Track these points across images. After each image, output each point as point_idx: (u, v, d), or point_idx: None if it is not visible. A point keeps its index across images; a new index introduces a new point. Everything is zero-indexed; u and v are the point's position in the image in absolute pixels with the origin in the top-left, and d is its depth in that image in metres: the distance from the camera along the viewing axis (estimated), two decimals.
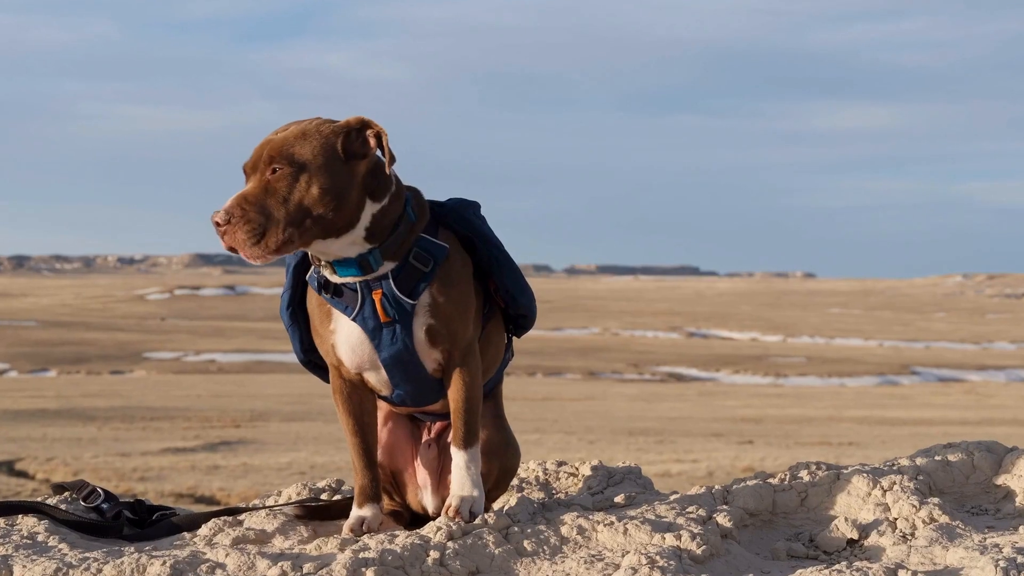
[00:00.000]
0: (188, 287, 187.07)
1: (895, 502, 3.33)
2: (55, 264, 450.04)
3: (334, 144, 3.05)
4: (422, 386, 3.27)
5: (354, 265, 3.13)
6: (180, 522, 3.43)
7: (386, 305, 3.15)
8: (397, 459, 3.44)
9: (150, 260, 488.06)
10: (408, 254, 3.16)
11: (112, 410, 46.89)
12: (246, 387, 61.55)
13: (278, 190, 3.01)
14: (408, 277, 3.15)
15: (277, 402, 51.76)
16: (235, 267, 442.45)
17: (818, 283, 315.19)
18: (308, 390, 54.43)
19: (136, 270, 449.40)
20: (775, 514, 3.45)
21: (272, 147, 3.05)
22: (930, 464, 3.59)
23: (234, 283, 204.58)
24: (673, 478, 28.26)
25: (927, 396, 65.61)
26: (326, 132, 3.07)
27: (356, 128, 3.08)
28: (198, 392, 57.37)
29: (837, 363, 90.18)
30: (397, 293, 3.15)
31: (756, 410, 52.98)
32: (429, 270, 3.16)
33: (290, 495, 3.80)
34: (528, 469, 4.03)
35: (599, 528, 3.17)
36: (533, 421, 43.24)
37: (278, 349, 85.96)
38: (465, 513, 3.18)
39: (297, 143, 3.04)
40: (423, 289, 3.16)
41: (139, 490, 26.93)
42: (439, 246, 3.19)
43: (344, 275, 3.14)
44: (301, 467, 31.26)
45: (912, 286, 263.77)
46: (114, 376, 73.31)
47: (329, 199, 3.02)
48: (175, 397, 54.17)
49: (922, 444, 4.18)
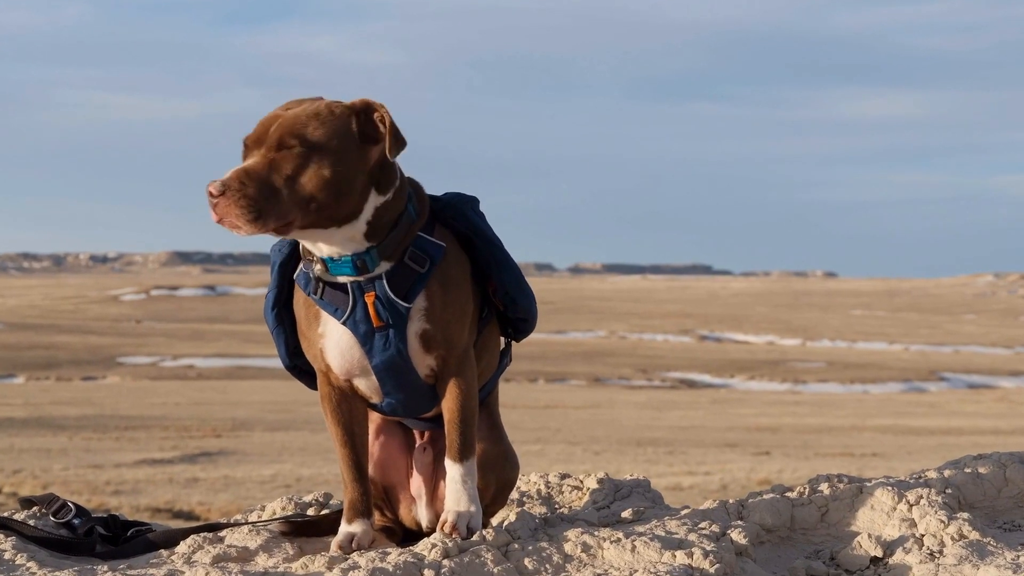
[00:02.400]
0: (165, 287, 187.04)
1: (922, 517, 3.34)
2: (23, 263, 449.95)
3: (350, 127, 3.05)
4: (415, 394, 3.27)
5: (349, 264, 3.12)
6: (157, 539, 3.43)
7: (379, 308, 3.14)
8: (390, 474, 3.44)
9: (125, 258, 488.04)
10: (404, 254, 3.15)
11: (84, 419, 46.89)
12: (227, 394, 61.54)
13: (285, 169, 3.00)
14: (403, 278, 3.14)
15: (261, 410, 51.76)
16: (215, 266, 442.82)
17: (839, 283, 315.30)
18: (294, 397, 54.41)
19: (110, 269, 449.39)
20: (793, 530, 3.46)
21: (284, 124, 3.03)
22: (959, 477, 3.60)
23: (214, 283, 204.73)
24: (684, 492, 28.26)
25: (956, 404, 65.62)
26: (339, 113, 3.06)
27: (363, 110, 3.08)
28: (176, 400, 57.36)
29: (860, 368, 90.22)
30: (392, 296, 3.14)
31: (773, 419, 52.99)
32: (425, 271, 3.16)
33: (274, 510, 3.80)
34: (529, 482, 4.04)
35: (605, 545, 3.17)
36: (534, 431, 43.23)
37: (262, 353, 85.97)
38: (462, 529, 3.18)
39: (311, 123, 3.03)
40: (419, 291, 3.15)
41: (113, 504, 26.92)
42: (436, 245, 3.19)
43: (337, 274, 3.13)
44: (286, 480, 31.26)
45: (940, 286, 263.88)
46: (86, 382, 73.31)
47: (338, 185, 3.01)
48: (151, 405, 54.16)
49: (951, 455, 4.19)
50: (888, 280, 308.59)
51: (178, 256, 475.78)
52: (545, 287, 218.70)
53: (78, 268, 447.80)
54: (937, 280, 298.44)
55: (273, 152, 3.01)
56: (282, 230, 3.01)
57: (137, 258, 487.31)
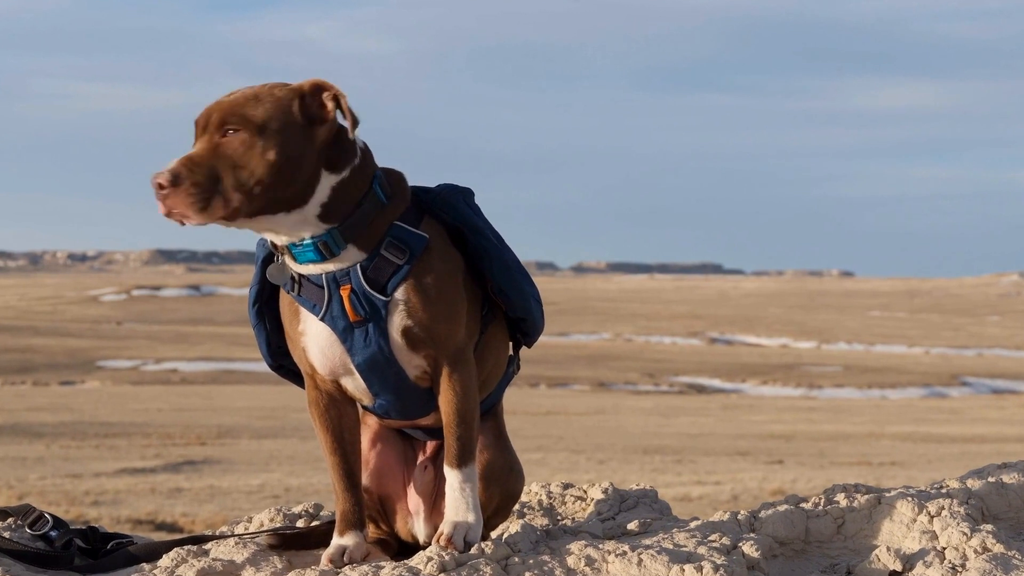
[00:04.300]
0: (147, 287, 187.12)
1: (943, 529, 3.34)
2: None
3: (290, 107, 3.10)
4: (406, 395, 3.27)
5: (311, 249, 3.14)
6: (138, 552, 3.43)
7: (355, 302, 3.15)
8: (387, 484, 3.44)
9: (104, 257, 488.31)
10: (380, 244, 3.17)
11: (62, 426, 46.88)
12: (212, 399, 61.56)
13: (229, 154, 3.05)
14: (380, 270, 3.16)
15: (247, 416, 51.76)
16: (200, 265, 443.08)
17: (856, 283, 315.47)
18: (282, 403, 54.44)
19: (89, 268, 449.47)
20: (808, 543, 3.46)
21: (223, 108, 3.09)
22: (983, 487, 3.59)
23: (199, 282, 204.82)
24: (693, 502, 28.26)
25: (979, 410, 65.64)
26: (280, 95, 3.11)
27: (310, 91, 3.13)
28: (158, 405, 57.37)
29: (878, 373, 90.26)
30: (367, 288, 3.15)
31: (787, 426, 53.00)
32: (404, 263, 3.16)
33: (262, 521, 3.80)
34: (531, 492, 4.04)
35: (610, 559, 3.17)
36: (536, 438, 43.25)
37: (248, 357, 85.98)
38: (459, 541, 3.18)
39: (250, 105, 3.09)
40: (398, 284, 3.16)
41: (92, 516, 26.91)
42: (417, 236, 3.19)
43: (303, 261, 3.16)
44: (275, 490, 31.25)
45: (962, 286, 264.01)
46: (64, 387, 73.31)
47: (282, 167, 3.05)
48: (132, 411, 54.17)
49: (973, 464, 4.18)
50: (908, 280, 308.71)
51: (161, 254, 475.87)
52: (547, 287, 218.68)
53: (55, 267, 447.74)
54: (959, 280, 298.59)
55: (217, 137, 3.07)
56: (230, 216, 3.05)
57: (117, 256, 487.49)
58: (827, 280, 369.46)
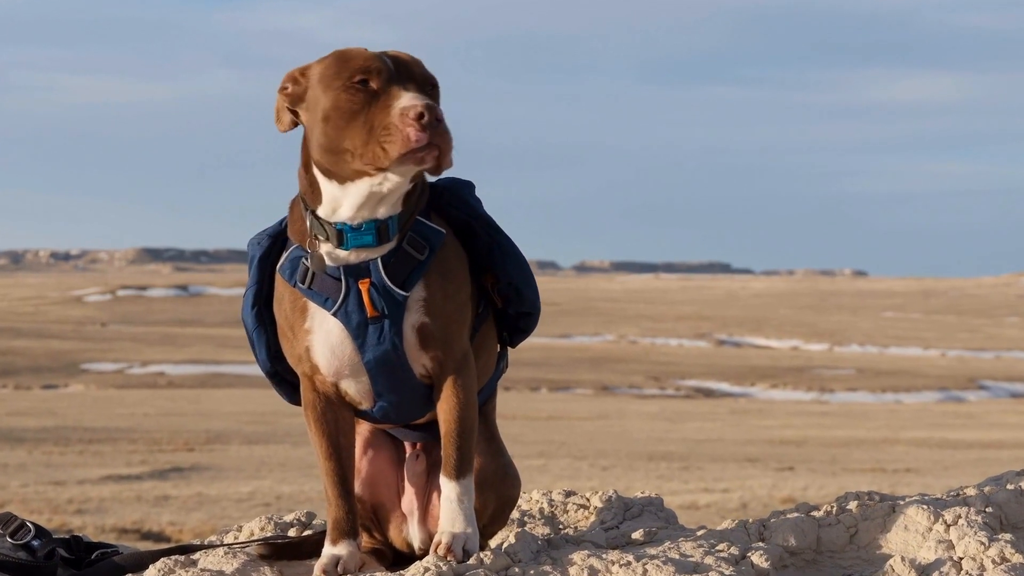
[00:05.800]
0: (133, 287, 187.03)
1: (960, 538, 3.34)
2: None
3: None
4: (409, 395, 3.26)
5: (372, 232, 3.11)
6: (124, 562, 3.43)
7: (375, 297, 3.13)
8: (380, 491, 3.43)
9: (89, 255, 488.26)
10: (403, 238, 3.15)
11: (44, 431, 46.86)
12: (201, 404, 61.55)
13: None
14: (401, 265, 3.14)
15: (237, 421, 51.75)
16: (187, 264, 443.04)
17: (870, 282, 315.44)
18: (274, 407, 54.40)
19: (72, 267, 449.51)
20: (820, 553, 3.46)
21: (421, 66, 3.10)
22: (1001, 494, 3.59)
23: (187, 282, 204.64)
24: (700, 510, 28.25)
25: (997, 414, 65.65)
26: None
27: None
28: (145, 410, 57.37)
29: (892, 376, 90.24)
30: (388, 283, 3.13)
31: (797, 431, 53.00)
32: (424, 258, 3.16)
33: (253, 530, 3.80)
34: (531, 500, 4.04)
35: (614, 569, 3.17)
36: (537, 444, 43.22)
37: (238, 360, 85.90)
38: (458, 551, 3.17)
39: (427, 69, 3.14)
40: (417, 280, 3.15)
41: (76, 524, 26.91)
42: (436, 231, 3.19)
43: (355, 244, 3.12)
44: (265, 498, 31.25)
45: (980, 286, 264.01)
46: (46, 391, 73.31)
47: None
48: (118, 416, 54.16)
49: (991, 471, 4.19)
50: (923, 279, 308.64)
51: (147, 253, 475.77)
52: (548, 287, 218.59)
53: (38, 266, 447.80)
54: (977, 279, 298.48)
55: (427, 90, 3.07)
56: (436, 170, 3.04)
57: (102, 255, 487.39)
58: (839, 280, 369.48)
